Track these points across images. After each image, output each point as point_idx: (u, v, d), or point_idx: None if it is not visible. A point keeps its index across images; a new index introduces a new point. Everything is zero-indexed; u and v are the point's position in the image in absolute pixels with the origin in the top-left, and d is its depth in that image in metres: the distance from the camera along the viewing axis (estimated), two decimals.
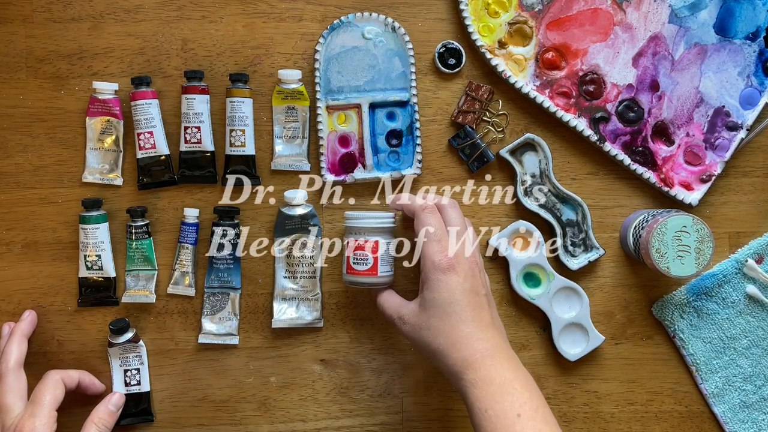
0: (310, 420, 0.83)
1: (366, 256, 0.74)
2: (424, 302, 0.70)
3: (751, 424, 0.82)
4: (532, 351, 0.83)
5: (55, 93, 0.82)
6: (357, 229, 0.75)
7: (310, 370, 0.83)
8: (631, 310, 0.84)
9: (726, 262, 0.83)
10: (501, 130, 0.83)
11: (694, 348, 0.83)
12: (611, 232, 0.84)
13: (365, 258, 0.74)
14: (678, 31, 0.82)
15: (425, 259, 0.70)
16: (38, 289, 0.82)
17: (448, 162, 0.83)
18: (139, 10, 0.82)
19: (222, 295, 0.82)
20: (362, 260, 0.74)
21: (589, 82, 0.82)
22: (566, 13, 0.82)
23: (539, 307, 0.82)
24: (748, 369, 0.82)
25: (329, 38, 0.81)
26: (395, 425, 0.83)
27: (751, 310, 0.82)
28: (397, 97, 0.82)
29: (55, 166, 0.82)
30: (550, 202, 0.83)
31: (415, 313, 0.71)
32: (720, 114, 0.83)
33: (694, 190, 0.83)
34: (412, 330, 0.71)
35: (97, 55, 0.82)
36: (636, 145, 0.82)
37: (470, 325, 0.68)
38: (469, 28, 0.81)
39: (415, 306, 0.71)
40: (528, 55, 0.82)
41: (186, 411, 0.83)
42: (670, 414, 0.84)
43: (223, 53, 0.82)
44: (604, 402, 0.84)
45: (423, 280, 0.70)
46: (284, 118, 0.82)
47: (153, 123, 0.81)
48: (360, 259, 0.75)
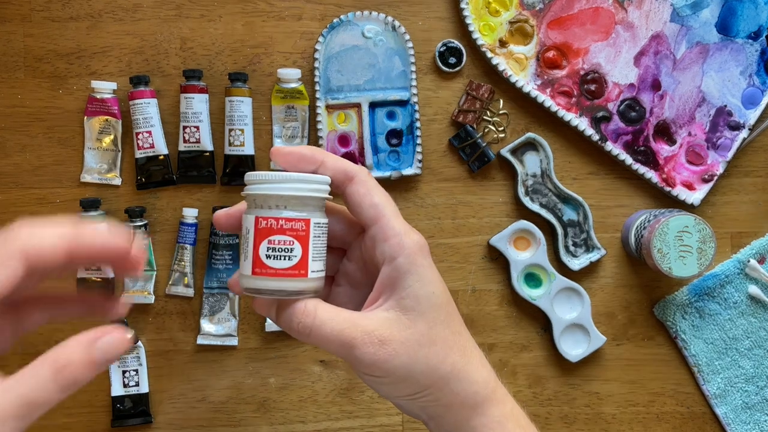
0: (310, 421, 0.83)
1: (289, 245, 0.44)
2: (409, 305, 0.44)
3: (753, 425, 0.82)
4: (533, 352, 0.83)
5: (54, 92, 0.82)
6: (272, 199, 0.44)
7: (310, 371, 0.83)
8: (632, 310, 0.83)
9: (728, 263, 0.82)
10: (502, 130, 0.83)
11: (695, 349, 0.82)
12: (613, 232, 0.83)
13: (288, 248, 0.44)
14: (680, 30, 0.81)
15: (393, 239, 0.45)
16: None
17: (448, 161, 0.83)
18: (137, 9, 0.82)
19: (221, 296, 0.82)
20: (283, 252, 0.44)
21: (590, 82, 0.82)
22: (567, 11, 0.81)
23: (540, 307, 0.81)
24: (750, 370, 0.82)
25: (329, 37, 0.81)
26: (395, 426, 0.83)
27: (753, 310, 0.82)
28: (398, 97, 0.82)
29: (53, 165, 0.82)
30: (551, 202, 0.82)
31: (399, 324, 0.44)
32: (722, 113, 0.82)
33: (696, 190, 0.82)
34: (399, 353, 0.44)
35: (95, 54, 0.82)
36: (638, 145, 0.82)
37: (466, 330, 0.48)
38: (470, 27, 0.81)
39: (391, 314, 0.44)
40: (529, 54, 0.81)
41: (185, 412, 0.82)
42: (672, 415, 0.83)
43: (222, 52, 0.82)
44: (606, 403, 0.83)
45: (392, 274, 0.45)
46: (284, 117, 0.82)
47: (151, 122, 0.80)
48: (279, 250, 0.44)
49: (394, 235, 0.45)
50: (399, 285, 0.45)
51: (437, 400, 0.46)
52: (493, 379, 0.47)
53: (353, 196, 0.45)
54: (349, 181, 0.45)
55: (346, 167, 0.46)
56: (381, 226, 0.45)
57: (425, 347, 0.44)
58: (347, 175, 0.45)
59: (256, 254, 0.44)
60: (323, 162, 0.45)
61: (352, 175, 0.45)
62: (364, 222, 0.46)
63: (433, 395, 0.45)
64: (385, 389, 0.46)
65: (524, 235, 0.82)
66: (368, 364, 0.43)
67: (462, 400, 0.46)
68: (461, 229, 0.83)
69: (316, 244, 0.45)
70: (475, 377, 0.46)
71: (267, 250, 0.44)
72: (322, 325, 0.43)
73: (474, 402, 0.46)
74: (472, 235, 0.83)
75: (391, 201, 0.46)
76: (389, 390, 0.46)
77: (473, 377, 0.46)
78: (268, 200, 0.44)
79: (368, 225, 0.45)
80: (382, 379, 0.45)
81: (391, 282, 0.45)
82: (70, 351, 0.39)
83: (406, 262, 0.44)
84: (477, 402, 0.46)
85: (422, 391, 0.45)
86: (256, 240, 0.44)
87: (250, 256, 0.44)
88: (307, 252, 0.45)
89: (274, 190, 0.44)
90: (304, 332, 0.43)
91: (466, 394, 0.46)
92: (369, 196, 0.45)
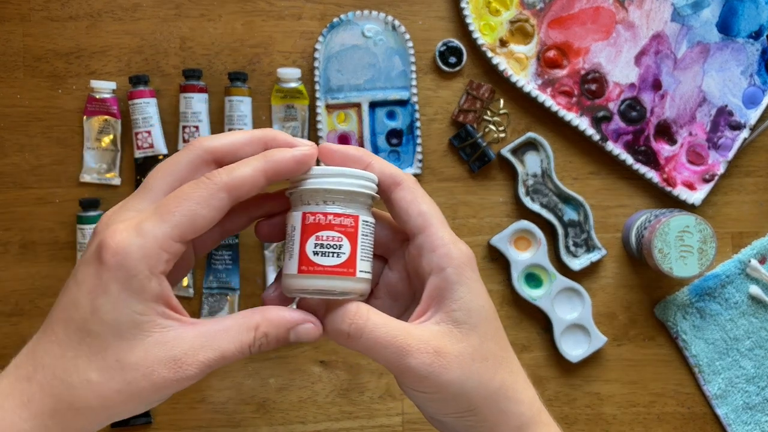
0: (310, 422, 0.82)
1: (338, 241, 0.42)
2: (460, 318, 0.42)
3: (754, 426, 0.82)
4: (534, 352, 0.83)
5: (53, 92, 0.82)
6: (320, 194, 0.43)
7: (310, 371, 0.83)
8: (633, 311, 0.83)
9: (729, 263, 0.82)
10: (502, 130, 0.82)
11: (696, 349, 0.82)
12: (613, 232, 0.83)
13: (336, 244, 0.42)
14: (680, 30, 0.81)
15: (441, 249, 0.43)
16: (35, 290, 0.81)
17: (448, 161, 0.83)
18: (137, 9, 0.82)
19: (220, 296, 0.81)
20: (331, 248, 0.42)
21: (591, 81, 0.81)
22: (568, 11, 0.81)
23: (541, 308, 0.81)
24: (751, 370, 0.82)
25: (329, 36, 0.81)
26: (395, 427, 0.82)
27: (754, 311, 0.82)
28: (398, 96, 0.81)
29: (52, 165, 0.82)
30: (552, 202, 0.82)
31: (452, 338, 0.42)
32: (723, 113, 0.82)
33: (697, 190, 0.82)
34: (453, 366, 0.41)
35: (94, 53, 0.82)
36: (638, 145, 0.82)
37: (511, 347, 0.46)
38: (470, 27, 0.81)
39: (443, 327, 0.42)
40: (529, 53, 0.81)
41: (184, 413, 0.82)
42: (673, 416, 0.83)
43: (221, 52, 0.82)
44: (606, 404, 0.83)
45: (441, 285, 0.43)
46: (283, 117, 0.81)
47: (151, 122, 0.80)
48: (327, 246, 0.42)
49: (442, 245, 0.43)
50: (449, 297, 0.42)
51: (484, 420, 0.43)
52: (537, 400, 0.45)
53: (400, 203, 0.44)
54: (395, 187, 0.44)
55: (393, 172, 0.44)
56: (428, 235, 0.43)
57: (477, 362, 0.42)
58: (394, 180, 0.44)
59: (303, 251, 0.42)
60: (370, 164, 0.44)
61: (399, 180, 0.44)
62: (410, 230, 0.44)
63: (481, 414, 0.43)
64: (434, 406, 0.44)
65: (525, 235, 0.81)
66: (422, 376, 0.41)
67: (508, 420, 0.43)
68: (461, 229, 0.82)
69: (364, 244, 0.43)
70: (521, 397, 0.44)
71: (314, 247, 0.42)
72: (375, 328, 0.41)
73: (519, 423, 0.44)
74: (472, 235, 0.83)
75: (439, 210, 0.44)
76: (438, 407, 0.44)
77: (520, 396, 0.44)
78: (315, 195, 0.42)
79: (414, 234, 0.44)
80: (432, 395, 0.42)
81: (439, 293, 0.43)
82: (275, 325, 0.41)
83: (455, 273, 0.42)
84: (523, 423, 0.44)
85: (471, 409, 0.43)
86: (303, 236, 0.42)
87: (296, 254, 0.42)
88: (356, 250, 0.42)
89: (321, 184, 0.42)
90: (356, 335, 0.41)
91: (512, 414, 0.43)
92: (416, 203, 0.43)
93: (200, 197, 0.39)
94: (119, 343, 0.38)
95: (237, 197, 0.40)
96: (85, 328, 0.38)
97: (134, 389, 0.38)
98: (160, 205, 0.39)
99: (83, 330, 0.38)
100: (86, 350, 0.38)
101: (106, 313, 0.37)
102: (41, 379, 0.38)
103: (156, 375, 0.38)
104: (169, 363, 0.38)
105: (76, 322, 0.38)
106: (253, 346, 0.40)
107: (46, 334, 0.39)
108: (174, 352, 0.38)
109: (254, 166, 0.40)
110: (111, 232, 0.38)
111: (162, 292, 0.38)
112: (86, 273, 0.38)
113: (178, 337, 0.38)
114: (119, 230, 0.38)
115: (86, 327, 0.38)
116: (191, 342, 0.39)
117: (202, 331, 0.39)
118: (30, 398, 0.37)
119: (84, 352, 0.38)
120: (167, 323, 0.39)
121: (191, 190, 0.39)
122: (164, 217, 0.38)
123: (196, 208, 0.38)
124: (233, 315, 0.41)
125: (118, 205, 0.41)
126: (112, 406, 0.38)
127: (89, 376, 0.37)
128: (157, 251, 0.38)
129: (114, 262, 0.37)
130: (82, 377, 0.37)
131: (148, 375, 0.38)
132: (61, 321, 0.39)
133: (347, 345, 0.42)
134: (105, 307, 0.37)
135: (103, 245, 0.38)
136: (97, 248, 0.38)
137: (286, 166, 0.41)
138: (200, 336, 0.39)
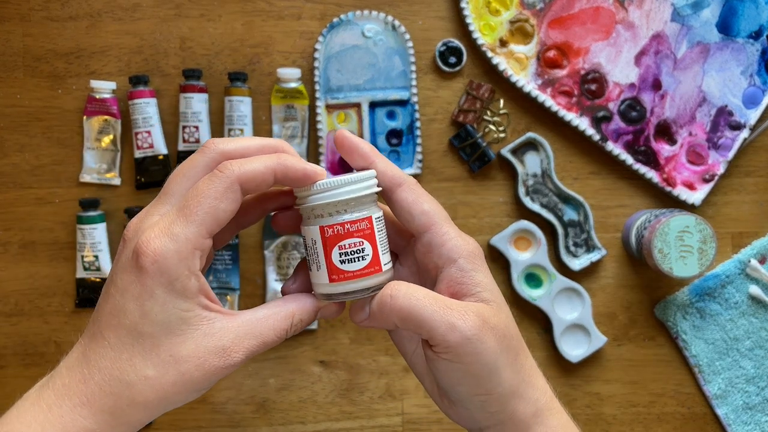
0: (310, 422, 0.82)
1: (360, 246, 0.44)
2: (487, 297, 0.44)
3: (754, 426, 0.82)
4: (534, 352, 0.82)
5: (53, 92, 0.82)
6: (332, 206, 0.44)
7: (310, 371, 0.82)
8: (633, 311, 0.83)
9: (729, 263, 0.82)
10: (502, 130, 0.82)
11: (696, 349, 0.82)
12: (613, 232, 0.83)
13: (359, 249, 0.44)
14: (680, 30, 0.81)
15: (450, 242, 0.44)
16: (35, 290, 0.81)
17: (448, 161, 0.83)
18: (137, 9, 0.82)
19: (220, 296, 0.81)
20: (355, 254, 0.44)
21: (591, 81, 0.81)
22: (568, 11, 0.81)
23: (541, 308, 0.81)
24: (751, 370, 0.82)
25: (329, 36, 0.81)
26: (395, 427, 0.82)
27: (754, 311, 0.82)
28: (398, 96, 0.81)
29: (52, 165, 0.82)
30: (552, 202, 0.82)
31: (487, 311, 0.43)
32: (723, 113, 0.82)
33: (697, 190, 0.82)
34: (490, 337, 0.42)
35: (94, 53, 0.82)
36: (638, 145, 0.82)
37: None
38: (470, 27, 0.81)
39: (476, 304, 0.43)
40: (529, 53, 0.81)
41: (184, 413, 0.82)
42: (673, 416, 0.83)
43: (221, 52, 0.82)
44: (606, 404, 0.83)
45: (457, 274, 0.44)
46: (283, 117, 0.81)
47: (151, 122, 0.80)
48: (351, 253, 0.44)
49: (449, 239, 0.44)
50: (469, 282, 0.44)
51: (505, 405, 0.44)
52: (549, 389, 0.47)
53: (402, 203, 0.44)
54: (397, 188, 0.45)
55: (395, 173, 0.45)
56: (434, 232, 0.44)
57: (507, 339, 0.43)
58: (396, 181, 0.45)
59: (330, 262, 0.44)
60: (374, 163, 0.45)
61: (400, 181, 0.44)
62: (415, 230, 0.45)
63: (504, 397, 0.44)
64: (466, 383, 0.43)
65: (525, 235, 0.81)
66: (467, 338, 0.41)
67: (525, 407, 0.44)
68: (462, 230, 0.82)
69: (381, 237, 0.45)
70: (537, 382, 0.46)
71: (340, 256, 0.44)
72: (417, 290, 0.42)
73: (535, 409, 0.45)
74: (472, 235, 0.82)
75: (441, 207, 0.45)
76: (470, 385, 0.43)
77: (536, 382, 0.45)
78: (328, 208, 0.44)
79: (420, 232, 0.45)
80: (469, 366, 0.42)
81: (458, 281, 0.44)
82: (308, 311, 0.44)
83: (468, 262, 0.44)
84: (538, 409, 0.45)
85: (497, 390, 0.43)
86: (326, 249, 0.44)
87: (323, 266, 0.44)
88: (377, 247, 0.44)
89: (332, 197, 0.43)
90: (397, 294, 0.42)
91: (529, 399, 0.45)
92: (418, 203, 0.44)
93: (217, 192, 0.40)
94: (171, 339, 0.40)
95: (246, 190, 0.42)
96: (136, 330, 0.40)
97: (188, 379, 0.41)
98: (183, 206, 0.41)
99: (135, 332, 0.40)
100: (140, 350, 0.40)
101: (156, 315, 0.40)
102: (99, 380, 0.40)
103: (208, 364, 0.41)
104: (218, 352, 0.41)
105: (127, 327, 0.40)
106: (290, 330, 0.44)
107: (96, 339, 0.41)
108: (222, 342, 0.41)
109: (266, 164, 0.42)
110: (145, 240, 0.40)
111: (201, 287, 0.41)
112: (128, 280, 0.40)
113: (224, 328, 0.41)
114: (152, 238, 0.40)
115: (137, 329, 0.40)
116: (236, 331, 0.42)
117: (244, 320, 0.42)
118: (89, 398, 0.40)
119: (138, 352, 0.40)
120: (211, 315, 0.41)
121: (207, 187, 0.41)
122: (189, 218, 0.40)
123: (215, 203, 0.40)
124: (267, 305, 0.44)
125: (142, 211, 0.43)
126: (168, 397, 0.41)
127: (146, 372, 0.40)
128: (192, 251, 0.40)
129: (155, 269, 0.39)
130: (139, 375, 0.40)
131: (201, 365, 0.41)
132: (111, 327, 0.41)
133: (389, 312, 0.43)
134: (154, 309, 0.40)
135: (141, 253, 0.40)
136: (134, 256, 0.40)
137: (294, 173, 0.42)
138: (243, 325, 0.42)
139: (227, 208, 0.41)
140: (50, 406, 0.40)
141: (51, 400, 0.40)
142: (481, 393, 0.44)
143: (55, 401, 0.40)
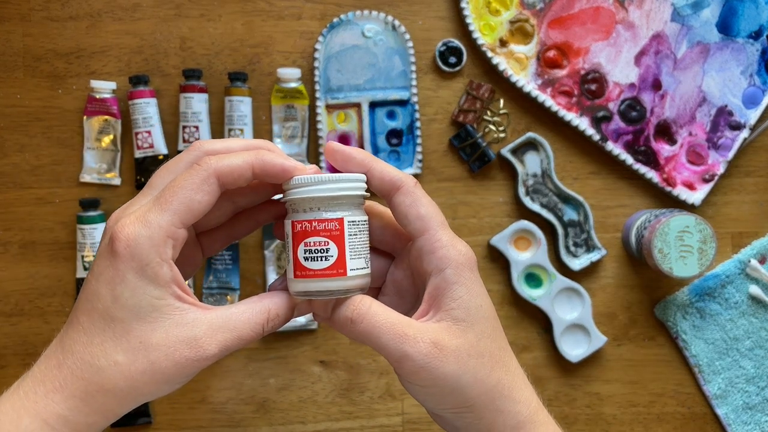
0: (310, 422, 0.82)
1: (324, 246, 0.44)
2: (459, 316, 0.44)
3: (754, 426, 0.82)
4: (534, 352, 0.83)
5: (53, 92, 0.82)
6: (305, 202, 0.44)
7: (310, 371, 0.82)
8: (633, 311, 0.83)
9: (729, 263, 0.82)
10: (502, 130, 0.82)
11: (696, 349, 0.82)
12: (613, 232, 0.83)
13: (323, 248, 0.44)
14: (680, 30, 0.81)
15: (440, 251, 0.44)
16: (35, 290, 0.81)
17: (448, 161, 0.83)
18: (137, 9, 0.82)
19: (220, 297, 0.81)
20: (318, 253, 0.44)
21: (591, 81, 0.81)
22: (568, 11, 0.81)
23: (541, 308, 0.81)
24: (751, 370, 0.82)
25: (329, 36, 0.81)
26: (395, 427, 0.82)
27: (754, 311, 0.82)
28: (398, 96, 0.81)
29: (52, 165, 0.82)
30: (552, 202, 0.82)
31: (450, 333, 0.43)
32: (723, 113, 0.82)
33: (697, 190, 0.82)
34: (450, 360, 0.43)
35: (94, 53, 0.82)
36: (638, 145, 0.82)
37: (510, 348, 0.47)
38: (470, 27, 0.81)
39: (442, 324, 0.44)
40: (529, 53, 0.81)
41: (184, 413, 0.82)
42: (673, 416, 0.83)
43: (221, 52, 0.82)
44: (606, 404, 0.83)
45: (441, 285, 0.44)
46: (283, 117, 0.81)
47: (151, 122, 0.80)
48: (315, 251, 0.44)
49: (441, 247, 0.44)
50: (448, 295, 0.44)
51: (481, 417, 0.44)
52: (535, 400, 0.46)
53: (399, 207, 0.45)
54: (395, 191, 0.45)
55: (393, 177, 0.45)
56: (427, 238, 0.44)
57: (474, 358, 0.43)
58: (394, 184, 0.44)
59: (296, 257, 0.45)
60: (371, 169, 0.45)
61: (399, 184, 0.44)
62: (411, 233, 0.45)
63: (478, 411, 0.44)
64: (431, 400, 0.45)
65: (525, 235, 0.81)
66: (419, 366, 0.42)
67: (504, 420, 0.44)
68: (461, 229, 0.82)
69: (353, 243, 0.44)
70: (518, 396, 0.45)
71: (304, 253, 0.44)
72: (376, 314, 0.43)
73: (516, 421, 0.44)
74: (472, 235, 0.82)
75: (439, 211, 0.45)
76: (435, 402, 0.45)
77: (516, 395, 0.44)
78: (302, 204, 0.44)
79: (415, 236, 0.45)
80: (429, 388, 0.43)
81: (439, 293, 0.44)
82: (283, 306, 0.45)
83: (454, 274, 0.44)
84: (519, 421, 0.44)
85: (468, 405, 0.44)
86: (294, 243, 0.44)
87: (291, 260, 0.45)
88: (344, 250, 0.44)
89: (305, 193, 0.44)
90: (357, 320, 0.43)
91: (508, 412, 0.44)
92: (415, 207, 0.44)
93: (193, 183, 0.41)
94: (141, 325, 0.40)
95: (225, 184, 0.42)
96: (108, 315, 0.40)
97: (157, 369, 0.40)
98: (159, 196, 0.42)
99: (106, 317, 0.40)
100: (111, 335, 0.40)
101: (126, 299, 0.40)
102: (71, 364, 0.40)
103: (178, 354, 0.40)
104: (189, 342, 0.41)
105: (99, 311, 0.41)
106: (266, 326, 0.43)
107: (72, 325, 0.42)
108: (194, 332, 0.41)
109: (244, 158, 0.43)
110: (120, 226, 0.41)
111: (174, 277, 0.41)
112: (102, 265, 0.41)
113: (197, 319, 0.41)
114: (127, 224, 0.41)
115: (109, 314, 0.40)
116: (209, 323, 0.41)
117: (218, 314, 0.42)
118: (62, 383, 0.40)
119: (109, 337, 0.40)
120: (184, 306, 0.41)
121: (184, 179, 0.42)
122: (164, 207, 0.41)
123: (190, 194, 0.41)
124: (244, 301, 0.44)
125: (127, 203, 0.44)
126: (138, 387, 0.40)
127: (116, 358, 0.40)
128: (164, 239, 0.40)
129: (127, 253, 0.40)
130: (109, 360, 0.40)
131: (170, 354, 0.40)
132: (85, 312, 0.41)
133: (351, 332, 0.44)
134: (124, 294, 0.40)
135: (115, 238, 0.40)
136: (109, 242, 0.41)
137: (272, 168, 0.43)
138: (217, 318, 0.42)
139: (202, 200, 0.41)
140: (26, 393, 0.40)
141: (28, 387, 0.41)
142: (448, 408, 0.45)
143: (31, 387, 0.41)
